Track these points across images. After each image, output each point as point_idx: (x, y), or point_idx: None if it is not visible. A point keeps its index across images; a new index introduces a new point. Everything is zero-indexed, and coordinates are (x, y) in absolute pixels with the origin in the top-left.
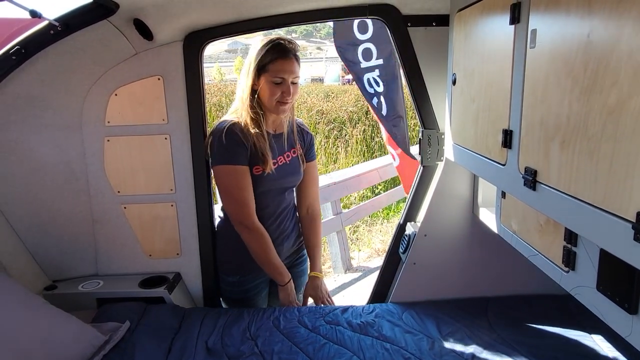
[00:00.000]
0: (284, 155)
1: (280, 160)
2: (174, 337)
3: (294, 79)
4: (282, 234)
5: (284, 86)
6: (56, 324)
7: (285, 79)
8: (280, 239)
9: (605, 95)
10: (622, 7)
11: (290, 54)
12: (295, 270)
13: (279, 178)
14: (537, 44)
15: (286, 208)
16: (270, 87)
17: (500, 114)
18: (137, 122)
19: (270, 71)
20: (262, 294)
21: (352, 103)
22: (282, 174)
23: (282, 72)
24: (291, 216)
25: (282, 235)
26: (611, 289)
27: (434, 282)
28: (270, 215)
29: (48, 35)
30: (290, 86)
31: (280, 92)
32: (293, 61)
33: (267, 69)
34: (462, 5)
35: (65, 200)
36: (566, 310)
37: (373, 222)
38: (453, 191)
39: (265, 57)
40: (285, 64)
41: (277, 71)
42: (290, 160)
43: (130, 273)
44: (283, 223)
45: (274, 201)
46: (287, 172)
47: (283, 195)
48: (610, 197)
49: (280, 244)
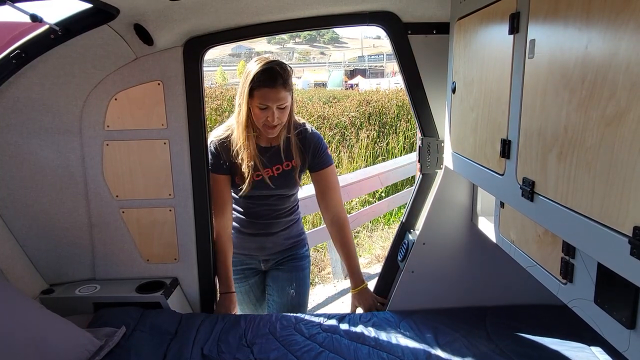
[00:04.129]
0: (273, 168)
1: (267, 173)
2: (170, 342)
3: (279, 105)
4: (269, 231)
5: (269, 112)
6: (51, 328)
7: (269, 105)
8: (266, 234)
9: (602, 107)
10: (620, 20)
11: (277, 83)
12: (288, 265)
13: (258, 189)
14: (535, 54)
15: (276, 211)
16: (256, 111)
17: (498, 124)
18: (136, 126)
19: (255, 97)
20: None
21: (355, 108)
22: (262, 186)
23: (266, 99)
24: (285, 217)
25: (268, 231)
26: (609, 302)
27: (432, 291)
28: (249, 214)
29: (48, 40)
30: (275, 112)
31: (265, 117)
32: (279, 89)
33: (253, 95)
34: (462, 13)
35: (64, 204)
36: (565, 321)
37: (374, 228)
38: (452, 199)
39: (253, 82)
40: (270, 92)
41: (261, 98)
42: (279, 173)
43: (127, 278)
44: (271, 224)
45: (256, 206)
46: (269, 184)
47: (268, 202)
48: (607, 211)
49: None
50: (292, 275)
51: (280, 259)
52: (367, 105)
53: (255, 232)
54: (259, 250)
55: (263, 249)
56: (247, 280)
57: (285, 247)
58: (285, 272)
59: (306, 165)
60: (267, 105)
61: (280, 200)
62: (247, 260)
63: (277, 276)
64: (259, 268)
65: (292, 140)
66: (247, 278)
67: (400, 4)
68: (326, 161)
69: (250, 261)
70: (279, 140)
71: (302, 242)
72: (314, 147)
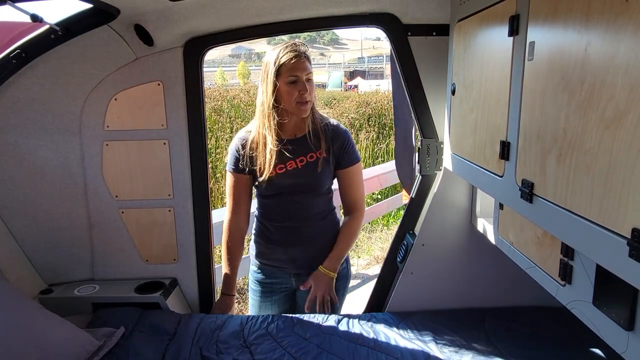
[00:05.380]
0: (297, 160)
1: (290, 165)
2: (169, 343)
3: (307, 75)
4: (299, 237)
5: (299, 84)
6: (50, 328)
7: (298, 76)
8: (285, 242)
9: (601, 109)
10: (619, 22)
11: (302, 55)
12: (304, 291)
13: (281, 183)
14: (535, 57)
15: (305, 211)
16: (288, 89)
17: (498, 125)
18: (136, 127)
19: (284, 73)
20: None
21: (354, 109)
22: (286, 179)
23: (295, 70)
24: (316, 221)
25: (298, 237)
26: (607, 304)
27: (431, 292)
28: (275, 217)
29: (49, 40)
30: (305, 83)
31: (297, 91)
32: (304, 60)
33: (281, 72)
34: (462, 15)
35: (63, 204)
36: (564, 323)
37: (373, 229)
38: (451, 201)
39: (278, 59)
40: (297, 62)
41: (290, 70)
42: (303, 165)
43: (126, 278)
44: (300, 228)
45: (282, 205)
46: (293, 177)
47: (294, 199)
48: (606, 213)
49: (284, 247)
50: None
51: (295, 273)
52: (366, 106)
53: (284, 239)
54: (290, 262)
55: (293, 261)
56: (271, 297)
57: (319, 262)
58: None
59: (331, 157)
60: (296, 76)
61: (307, 198)
62: (278, 273)
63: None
64: (289, 284)
65: (319, 132)
66: (272, 293)
67: (400, 5)
68: (354, 158)
69: (281, 275)
70: (303, 131)
71: None
72: (344, 143)
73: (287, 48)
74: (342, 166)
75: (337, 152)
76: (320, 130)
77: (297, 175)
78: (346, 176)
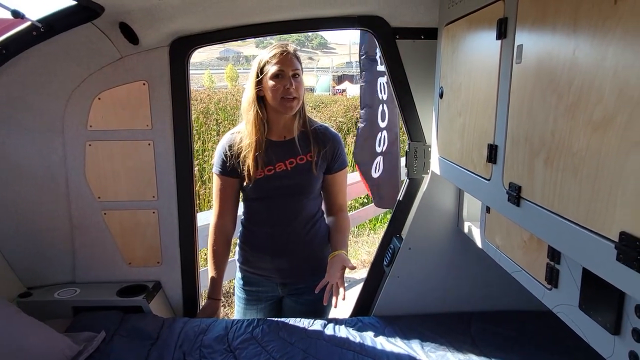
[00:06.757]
0: (286, 162)
1: (279, 167)
2: (151, 348)
3: (293, 71)
4: (286, 245)
5: (285, 79)
6: (28, 333)
7: (284, 70)
8: (272, 250)
9: (589, 112)
10: (607, 26)
11: (289, 50)
12: (308, 297)
13: (270, 185)
14: (523, 60)
15: (288, 218)
16: (272, 84)
17: (485, 129)
18: (120, 127)
19: (269, 66)
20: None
21: (342, 113)
22: (274, 181)
23: (279, 63)
24: (304, 227)
25: (285, 246)
26: (593, 308)
27: (417, 296)
28: (262, 222)
29: (30, 36)
30: (291, 79)
31: (282, 86)
32: (291, 56)
33: (266, 69)
34: (450, 18)
35: (44, 205)
36: (550, 327)
37: (360, 233)
38: (438, 204)
39: (264, 58)
40: (283, 57)
41: (275, 64)
42: (292, 167)
43: (108, 281)
44: (281, 235)
45: (270, 209)
46: (281, 179)
47: (282, 203)
48: (594, 216)
49: (271, 256)
50: (310, 311)
51: (301, 287)
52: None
53: (270, 246)
54: (276, 272)
55: (280, 271)
56: (257, 305)
57: (306, 271)
58: (302, 305)
59: (321, 161)
60: (282, 70)
61: (296, 202)
62: (264, 281)
63: (293, 309)
64: (276, 293)
65: (309, 134)
66: (258, 302)
67: (389, 8)
68: (344, 163)
69: (267, 283)
70: (292, 134)
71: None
72: (335, 148)
73: (275, 45)
74: (333, 171)
75: (328, 156)
76: (310, 133)
77: (286, 177)
78: (335, 181)
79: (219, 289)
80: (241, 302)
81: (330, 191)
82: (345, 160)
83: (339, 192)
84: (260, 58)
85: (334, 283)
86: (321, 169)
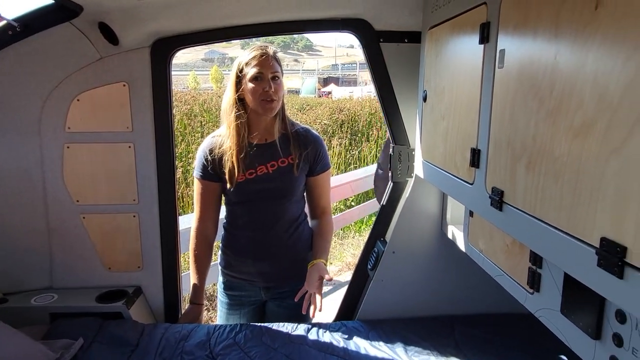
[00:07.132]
0: (268, 164)
1: (260, 170)
2: (131, 355)
3: (273, 73)
4: (257, 249)
5: (264, 82)
6: (2, 340)
7: (263, 73)
8: (254, 254)
9: (570, 117)
10: (588, 32)
11: (268, 53)
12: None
13: (251, 188)
14: (505, 64)
15: (270, 221)
16: (252, 87)
17: (468, 133)
18: (99, 129)
19: (248, 69)
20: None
21: (327, 116)
22: (256, 184)
23: (258, 65)
24: (287, 230)
25: (268, 249)
26: (575, 313)
27: (401, 300)
28: (244, 226)
29: (6, 36)
30: (270, 81)
31: (261, 88)
32: (270, 58)
33: (245, 71)
34: (434, 22)
35: (21, 208)
36: (533, 330)
37: (345, 236)
38: (422, 208)
39: (243, 60)
40: (263, 60)
41: (255, 66)
42: (274, 170)
43: (87, 286)
44: (263, 239)
45: (251, 212)
46: (263, 181)
47: (263, 206)
48: (575, 221)
49: (253, 260)
50: (293, 315)
51: (285, 291)
52: (339, 113)
53: (253, 250)
54: (259, 276)
55: (262, 275)
56: (239, 309)
57: (290, 275)
58: (286, 309)
59: (303, 164)
60: (261, 72)
61: (278, 205)
62: (247, 286)
63: (276, 313)
64: (259, 297)
65: (290, 137)
66: (241, 306)
67: (373, 11)
68: (326, 165)
69: (250, 288)
70: (273, 136)
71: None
72: (317, 150)
73: (254, 47)
74: (315, 173)
75: (310, 159)
76: (291, 135)
77: (267, 180)
78: (318, 183)
79: (201, 294)
80: (224, 307)
81: (313, 194)
82: (327, 163)
83: (321, 194)
84: (240, 60)
85: (312, 292)
86: (303, 171)
